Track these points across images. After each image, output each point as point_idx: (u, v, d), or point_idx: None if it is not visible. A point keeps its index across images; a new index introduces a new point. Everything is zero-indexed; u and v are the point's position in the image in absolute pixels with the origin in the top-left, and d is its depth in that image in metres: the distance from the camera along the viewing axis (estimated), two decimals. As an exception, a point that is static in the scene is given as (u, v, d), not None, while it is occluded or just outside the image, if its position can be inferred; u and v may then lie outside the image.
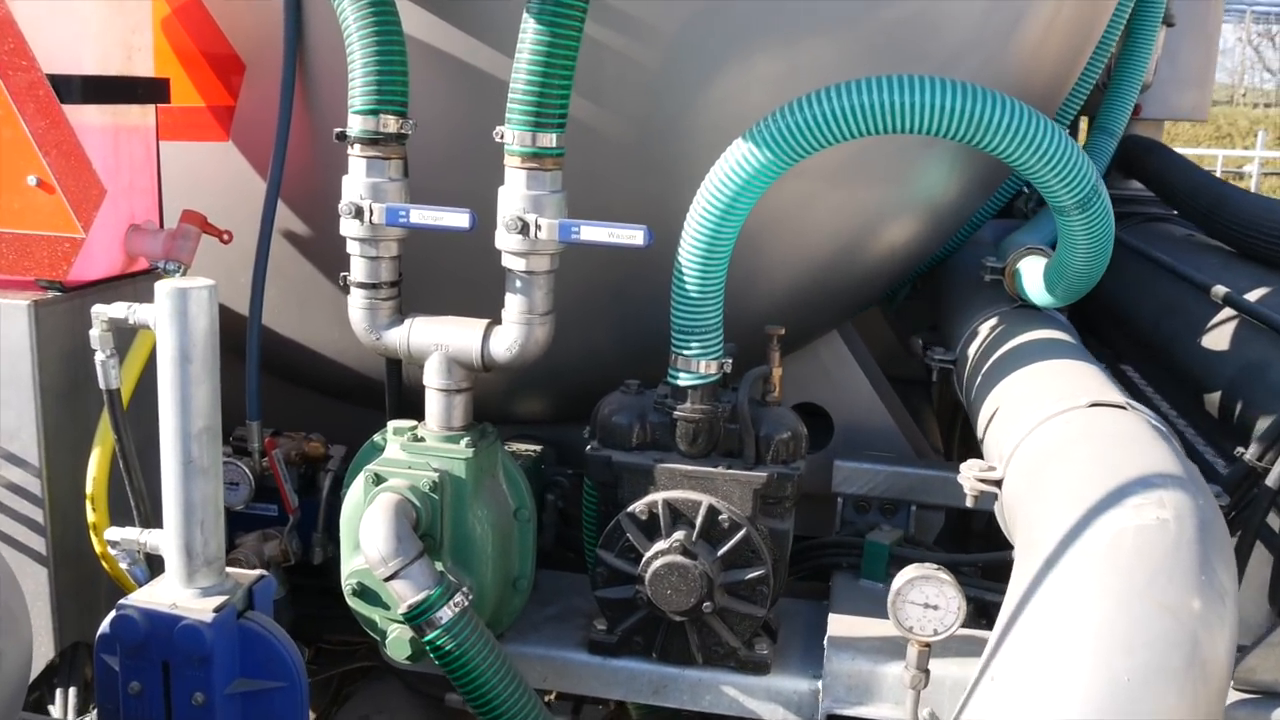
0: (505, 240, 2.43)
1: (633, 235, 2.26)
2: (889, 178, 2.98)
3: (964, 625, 2.22)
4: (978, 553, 3.18)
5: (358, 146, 2.49)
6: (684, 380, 2.56)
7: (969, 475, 2.27)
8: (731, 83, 2.65)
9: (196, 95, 2.80)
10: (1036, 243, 3.56)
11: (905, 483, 3.14)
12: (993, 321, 3.10)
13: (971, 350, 3.06)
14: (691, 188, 2.43)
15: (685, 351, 2.54)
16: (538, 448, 3.15)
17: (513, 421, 3.32)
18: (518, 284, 2.48)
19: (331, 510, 2.89)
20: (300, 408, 3.29)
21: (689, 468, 2.56)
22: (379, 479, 2.53)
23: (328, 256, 2.84)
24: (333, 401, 3.37)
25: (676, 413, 2.58)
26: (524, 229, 2.37)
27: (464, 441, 2.57)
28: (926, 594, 2.22)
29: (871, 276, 3.27)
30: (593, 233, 2.29)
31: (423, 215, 2.36)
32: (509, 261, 2.46)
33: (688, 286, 2.47)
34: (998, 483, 2.24)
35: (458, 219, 2.34)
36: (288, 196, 2.82)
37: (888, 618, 2.24)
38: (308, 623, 2.93)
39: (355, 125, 2.48)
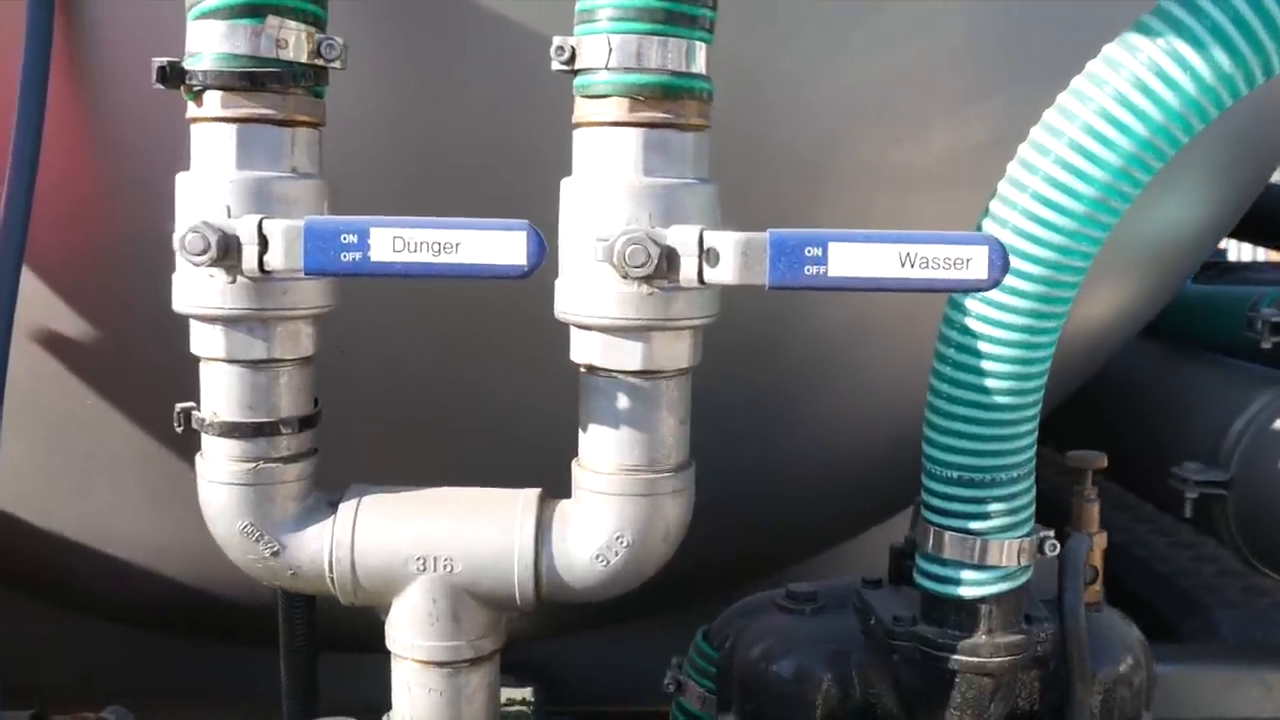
0: (602, 299, 1.00)
1: (967, 255, 0.89)
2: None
3: None
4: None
5: (213, 97, 1.03)
6: (971, 585, 1.19)
7: None
8: (880, 21, 1.35)
9: None
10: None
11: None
12: (1304, 414, 1.87)
13: (1288, 464, 1.82)
14: (826, 207, 1.33)
15: (974, 524, 1.17)
16: (524, 692, 1.86)
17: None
18: (623, 402, 1.05)
19: None
20: (89, 651, 2.03)
21: (964, 765, 1.24)
22: None
23: (135, 366, 1.50)
24: (151, 634, 2.04)
25: (959, 656, 1.20)
26: (666, 264, 0.95)
27: (499, 777, 1.11)
28: None
29: (1061, 369, 2.00)
30: (857, 256, 0.89)
31: (410, 240, 0.90)
32: (595, 352, 1.03)
33: (991, 387, 1.12)
34: None
35: (505, 247, 0.90)
36: (43, 242, 1.36)
37: None
38: None
39: (206, 46, 1.03)
